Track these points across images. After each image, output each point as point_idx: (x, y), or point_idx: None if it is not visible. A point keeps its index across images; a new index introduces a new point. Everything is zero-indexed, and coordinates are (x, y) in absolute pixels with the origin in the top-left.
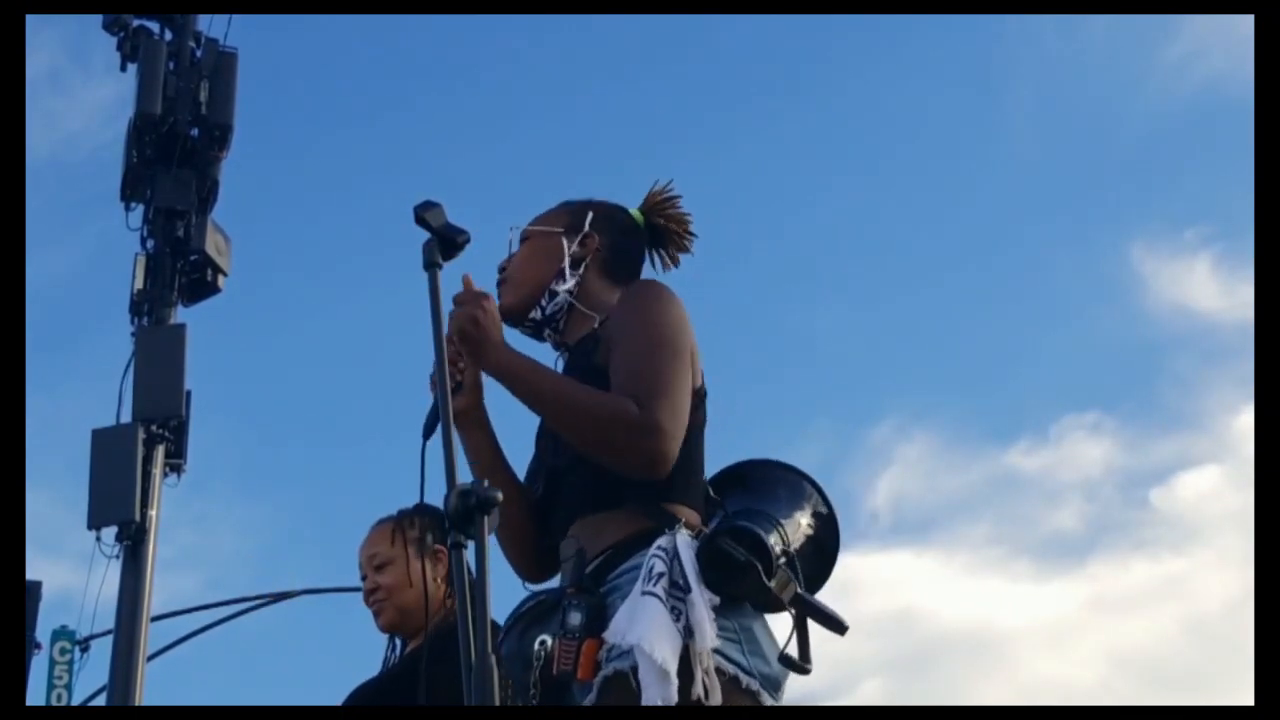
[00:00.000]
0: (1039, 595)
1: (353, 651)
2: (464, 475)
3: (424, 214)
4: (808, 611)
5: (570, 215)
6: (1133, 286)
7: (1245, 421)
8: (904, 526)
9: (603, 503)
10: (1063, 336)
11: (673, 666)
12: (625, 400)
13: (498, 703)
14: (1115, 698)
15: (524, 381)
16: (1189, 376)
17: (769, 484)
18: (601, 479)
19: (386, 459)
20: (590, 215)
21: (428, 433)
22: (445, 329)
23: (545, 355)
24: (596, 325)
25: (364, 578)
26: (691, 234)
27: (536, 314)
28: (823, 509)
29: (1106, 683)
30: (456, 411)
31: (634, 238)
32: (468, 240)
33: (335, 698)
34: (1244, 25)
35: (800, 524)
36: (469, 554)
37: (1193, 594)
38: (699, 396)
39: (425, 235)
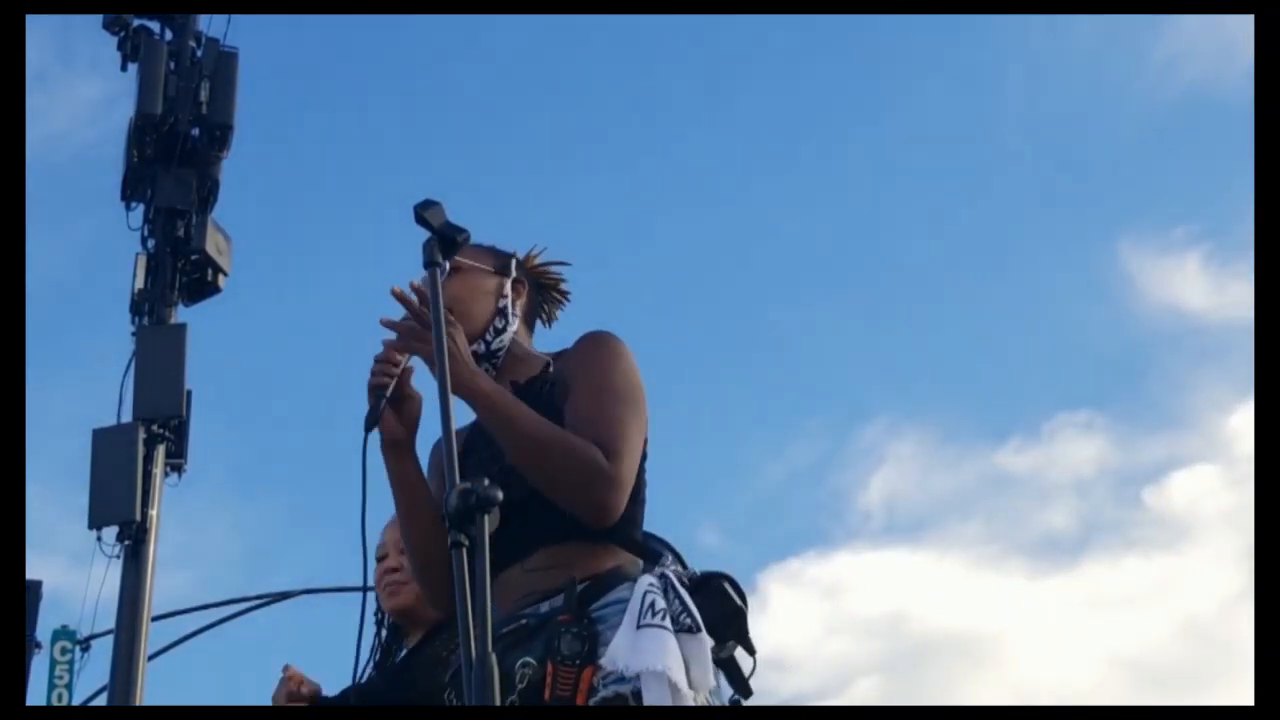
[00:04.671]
0: (1031, 594)
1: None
2: (463, 475)
3: (424, 213)
4: (734, 665)
5: (495, 258)
6: (1122, 285)
7: (1237, 420)
8: (896, 526)
9: (571, 534)
10: (1053, 335)
11: (685, 687)
12: (594, 449)
13: (498, 702)
14: (1109, 697)
15: (498, 407)
16: (1180, 375)
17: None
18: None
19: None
20: (514, 262)
21: (369, 427)
22: (408, 338)
23: None
24: (548, 368)
25: (382, 558)
26: (566, 295)
27: (480, 348)
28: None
29: (1100, 682)
30: (398, 441)
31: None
32: (467, 239)
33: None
34: (1233, 25)
35: None
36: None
37: (1186, 593)
38: (645, 452)
39: (426, 234)
